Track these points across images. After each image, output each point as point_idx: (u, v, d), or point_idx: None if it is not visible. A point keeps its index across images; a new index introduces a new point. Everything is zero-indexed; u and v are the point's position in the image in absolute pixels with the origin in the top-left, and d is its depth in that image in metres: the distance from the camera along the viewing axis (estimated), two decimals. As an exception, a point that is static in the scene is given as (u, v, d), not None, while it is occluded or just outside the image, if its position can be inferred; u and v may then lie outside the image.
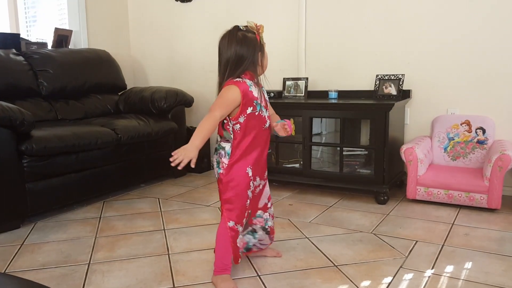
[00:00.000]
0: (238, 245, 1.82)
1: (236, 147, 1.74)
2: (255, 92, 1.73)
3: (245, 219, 1.82)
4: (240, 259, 1.85)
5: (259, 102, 1.75)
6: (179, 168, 1.57)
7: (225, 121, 1.74)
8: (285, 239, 2.25)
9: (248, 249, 1.95)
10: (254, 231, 1.94)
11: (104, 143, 2.88)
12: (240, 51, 1.69)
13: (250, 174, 1.77)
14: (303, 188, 3.22)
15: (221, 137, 1.80)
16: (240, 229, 1.81)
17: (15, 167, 2.44)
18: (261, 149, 1.80)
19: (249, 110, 1.71)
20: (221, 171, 1.76)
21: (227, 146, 1.75)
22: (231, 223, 1.76)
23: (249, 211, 1.86)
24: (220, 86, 1.76)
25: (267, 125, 1.80)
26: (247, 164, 1.76)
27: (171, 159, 1.58)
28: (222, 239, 1.77)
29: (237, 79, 1.71)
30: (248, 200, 1.79)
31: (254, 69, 1.74)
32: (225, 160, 1.75)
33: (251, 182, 1.78)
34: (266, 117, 1.79)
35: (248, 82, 1.72)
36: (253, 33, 1.72)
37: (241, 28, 1.73)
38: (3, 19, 4.36)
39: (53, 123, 3.07)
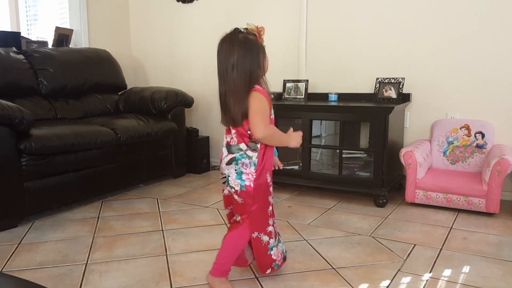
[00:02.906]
0: (273, 256, 1.77)
1: (263, 155, 1.69)
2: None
3: (270, 227, 1.76)
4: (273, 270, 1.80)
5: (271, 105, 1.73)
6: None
7: (249, 132, 1.66)
8: (284, 241, 2.24)
9: (285, 258, 1.86)
10: (280, 238, 1.87)
11: (103, 143, 2.88)
12: (244, 56, 1.61)
13: (269, 180, 1.74)
14: (302, 190, 3.22)
15: (229, 147, 1.71)
16: (267, 239, 1.74)
17: (14, 166, 2.44)
18: (273, 152, 1.78)
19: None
20: (247, 183, 1.67)
21: (254, 156, 1.67)
22: (255, 234, 1.72)
23: (274, 219, 1.81)
24: (224, 96, 1.65)
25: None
26: (266, 170, 1.72)
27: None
28: (235, 245, 1.74)
29: (255, 85, 1.64)
30: (271, 207, 1.76)
31: (258, 73, 1.67)
32: (252, 170, 1.67)
33: (270, 188, 1.76)
34: (274, 119, 1.77)
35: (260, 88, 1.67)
36: (254, 35, 1.67)
37: (242, 30, 1.66)
38: (4, 17, 4.35)
39: (52, 122, 3.07)
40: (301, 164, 3.10)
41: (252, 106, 1.62)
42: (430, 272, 1.90)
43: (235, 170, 1.69)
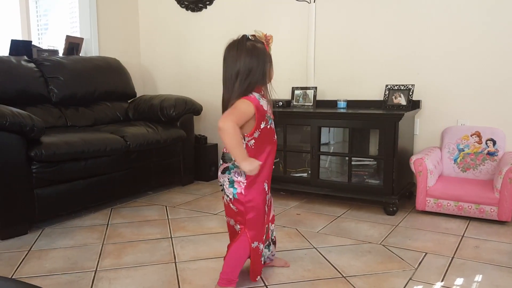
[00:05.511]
0: (263, 262, 1.80)
1: None
2: (264, 105, 1.69)
3: (264, 235, 1.80)
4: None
5: (269, 115, 1.73)
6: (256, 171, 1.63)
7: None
8: (293, 249, 2.24)
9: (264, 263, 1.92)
10: (268, 245, 1.92)
11: (113, 150, 2.89)
12: (251, 63, 1.62)
13: (266, 188, 1.75)
14: (311, 197, 3.20)
15: (224, 155, 1.72)
16: (262, 247, 1.78)
17: (24, 173, 2.46)
18: (272, 161, 1.78)
19: (262, 124, 1.69)
20: (238, 190, 1.69)
21: None
22: (254, 244, 1.73)
23: (267, 226, 1.84)
24: (227, 102, 1.67)
25: (275, 136, 1.79)
26: (263, 179, 1.73)
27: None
28: (238, 256, 1.74)
29: (253, 93, 1.66)
30: (266, 216, 1.78)
31: (263, 81, 1.68)
32: (242, 179, 1.69)
33: (267, 197, 1.77)
34: (274, 128, 1.78)
35: (257, 95, 1.67)
36: (261, 43, 1.67)
37: (249, 37, 1.66)
38: (16, 26, 4.42)
39: (62, 129, 3.09)
40: (310, 172, 3.09)
41: (234, 104, 1.63)
42: (442, 281, 1.88)
43: (228, 179, 1.71)
